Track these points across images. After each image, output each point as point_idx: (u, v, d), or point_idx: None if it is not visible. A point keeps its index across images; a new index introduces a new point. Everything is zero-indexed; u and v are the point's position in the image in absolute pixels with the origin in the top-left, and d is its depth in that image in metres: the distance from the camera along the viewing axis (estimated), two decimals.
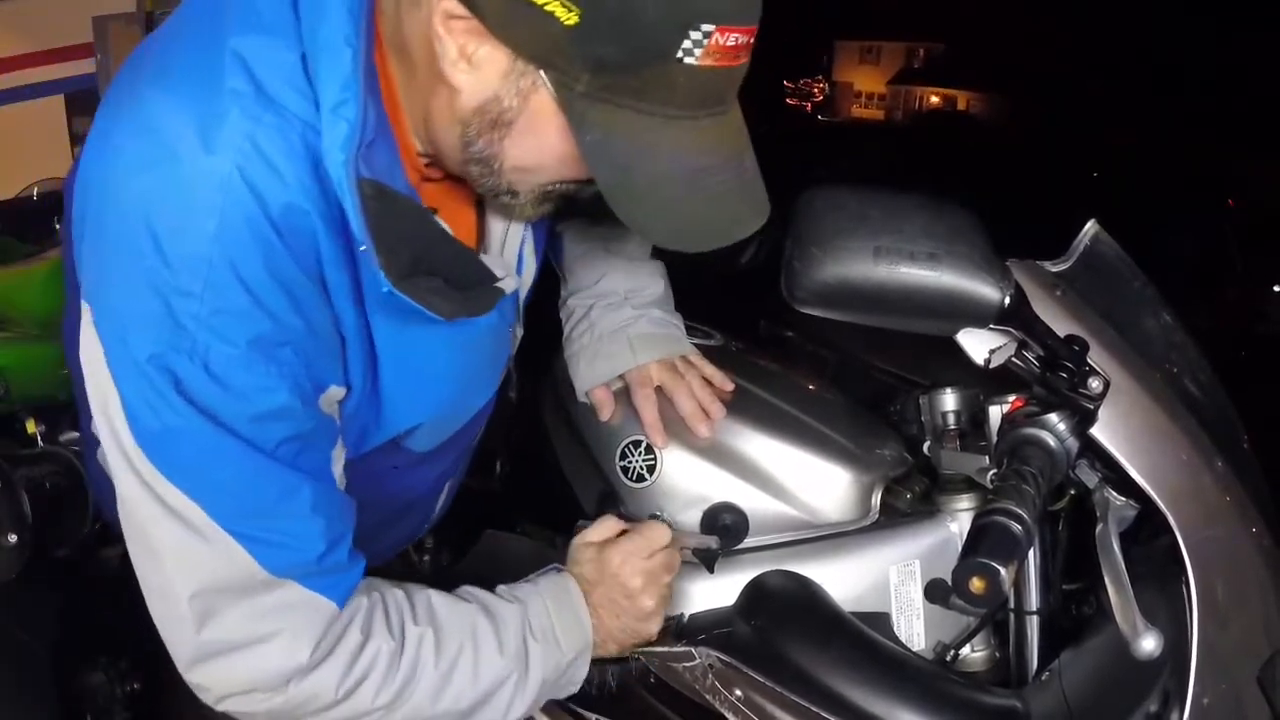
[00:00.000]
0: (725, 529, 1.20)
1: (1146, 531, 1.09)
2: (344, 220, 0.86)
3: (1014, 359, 1.03)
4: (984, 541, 0.89)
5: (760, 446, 1.23)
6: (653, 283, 1.37)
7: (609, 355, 1.29)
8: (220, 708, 0.94)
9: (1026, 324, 0.98)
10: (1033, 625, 1.16)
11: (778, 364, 1.42)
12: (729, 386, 1.29)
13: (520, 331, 1.24)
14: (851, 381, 1.56)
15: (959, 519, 1.20)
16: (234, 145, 0.82)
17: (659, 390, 1.27)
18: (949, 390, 1.25)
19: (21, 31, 4.99)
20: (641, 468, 1.24)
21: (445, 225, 0.98)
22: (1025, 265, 1.05)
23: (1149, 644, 0.95)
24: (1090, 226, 1.13)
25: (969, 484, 1.20)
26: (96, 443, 1.07)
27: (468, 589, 1.09)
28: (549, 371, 1.37)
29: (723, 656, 1.12)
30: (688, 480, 1.23)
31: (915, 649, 1.20)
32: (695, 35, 0.79)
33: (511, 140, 0.90)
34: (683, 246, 0.90)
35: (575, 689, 1.12)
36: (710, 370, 1.30)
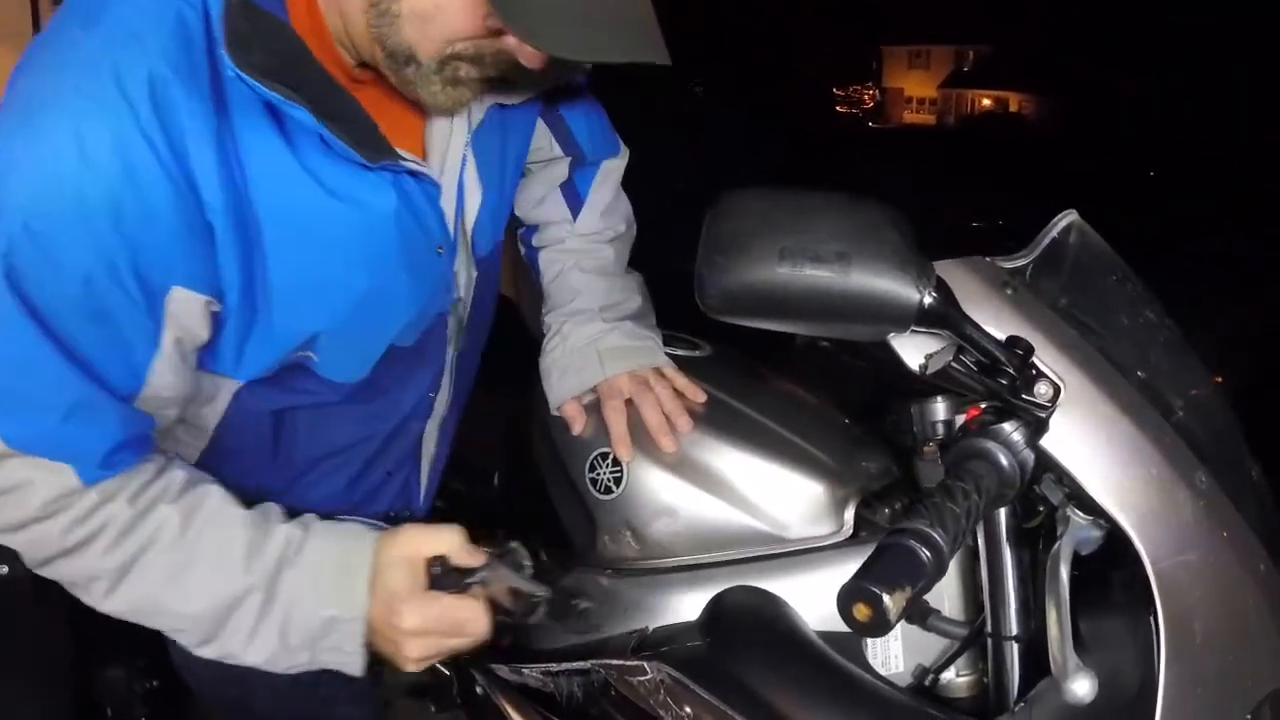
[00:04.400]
0: (573, 600, 1.13)
1: (1128, 554, 0.99)
2: (215, 82, 0.89)
3: (953, 364, 0.96)
4: (878, 564, 0.82)
5: (728, 459, 1.20)
6: (628, 298, 1.37)
7: (578, 369, 1.29)
8: None
9: (955, 325, 0.91)
10: (1012, 651, 1.07)
11: (769, 375, 1.38)
12: (700, 398, 1.26)
13: (475, 273, 1.22)
14: (887, 394, 1.49)
15: None
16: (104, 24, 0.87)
17: (630, 403, 1.25)
18: (939, 399, 1.17)
19: None
20: (609, 479, 1.23)
21: (327, 71, 0.98)
22: (968, 262, 0.98)
23: (1080, 688, 0.87)
24: (1061, 217, 1.04)
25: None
26: None
27: (271, 506, 1.06)
28: (532, 385, 1.38)
29: (673, 672, 1.10)
30: (653, 493, 1.21)
31: (892, 672, 1.14)
32: None
33: None
34: (573, 54, 0.94)
35: (347, 662, 1.04)
36: (682, 382, 1.28)
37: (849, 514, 1.17)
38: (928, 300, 0.88)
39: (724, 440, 1.21)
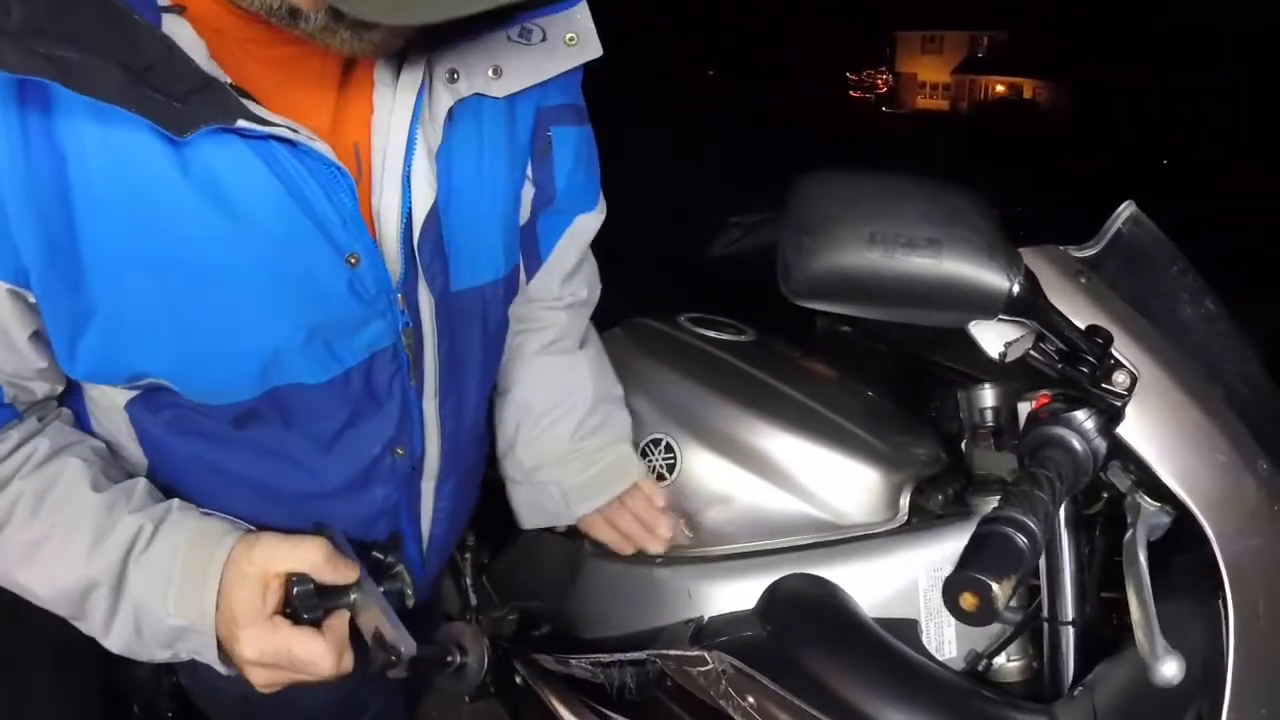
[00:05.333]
0: (449, 657, 1.06)
1: (1191, 539, 1.01)
2: None
3: (1032, 352, 0.96)
4: (981, 553, 0.83)
5: (783, 444, 1.20)
6: (577, 388, 1.25)
7: (541, 507, 1.26)
8: None
9: (1041, 314, 0.91)
10: (1068, 636, 1.08)
11: (813, 360, 1.38)
12: (660, 503, 1.23)
13: (433, 299, 1.00)
14: (908, 378, 1.50)
15: None
16: None
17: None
18: (988, 386, 1.18)
19: None
20: (661, 466, 1.23)
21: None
22: (1043, 250, 0.99)
23: (1169, 669, 0.88)
24: (1124, 208, 1.05)
25: (1004, 485, 1.14)
26: None
27: (135, 484, 0.97)
28: None
29: (735, 662, 1.09)
30: (707, 479, 1.21)
31: (945, 657, 1.15)
32: None
33: None
34: (379, 17, 0.74)
35: (217, 666, 0.95)
36: (650, 489, 1.24)
37: (904, 500, 1.18)
38: (1016, 288, 0.88)
39: (777, 426, 1.21)
